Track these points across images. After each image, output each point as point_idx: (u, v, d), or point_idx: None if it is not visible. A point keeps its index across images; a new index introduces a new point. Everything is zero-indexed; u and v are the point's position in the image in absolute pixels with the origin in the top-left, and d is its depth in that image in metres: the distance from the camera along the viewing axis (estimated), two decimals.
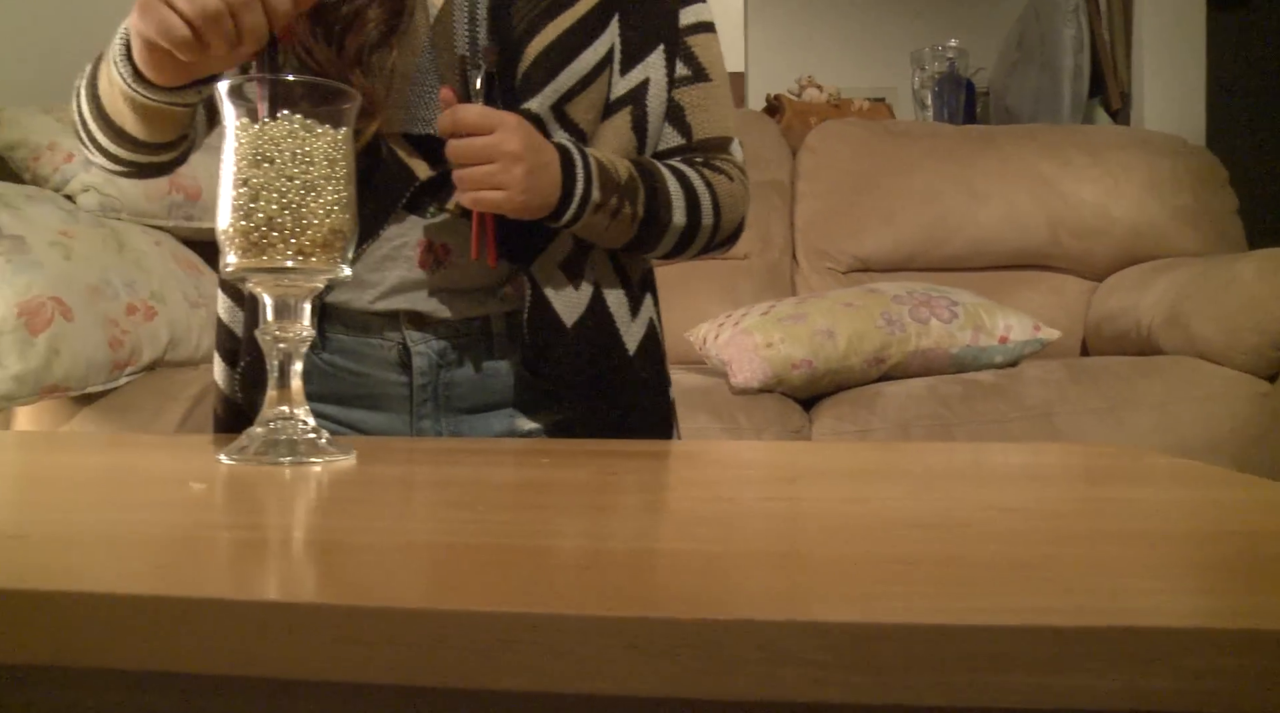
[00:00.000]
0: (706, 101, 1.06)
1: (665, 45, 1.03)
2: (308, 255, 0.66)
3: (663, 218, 0.98)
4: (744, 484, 0.60)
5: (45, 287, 1.61)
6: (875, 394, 1.63)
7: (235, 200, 0.66)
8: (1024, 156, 2.26)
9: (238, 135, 0.67)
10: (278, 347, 0.68)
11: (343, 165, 0.68)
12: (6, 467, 0.66)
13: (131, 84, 0.80)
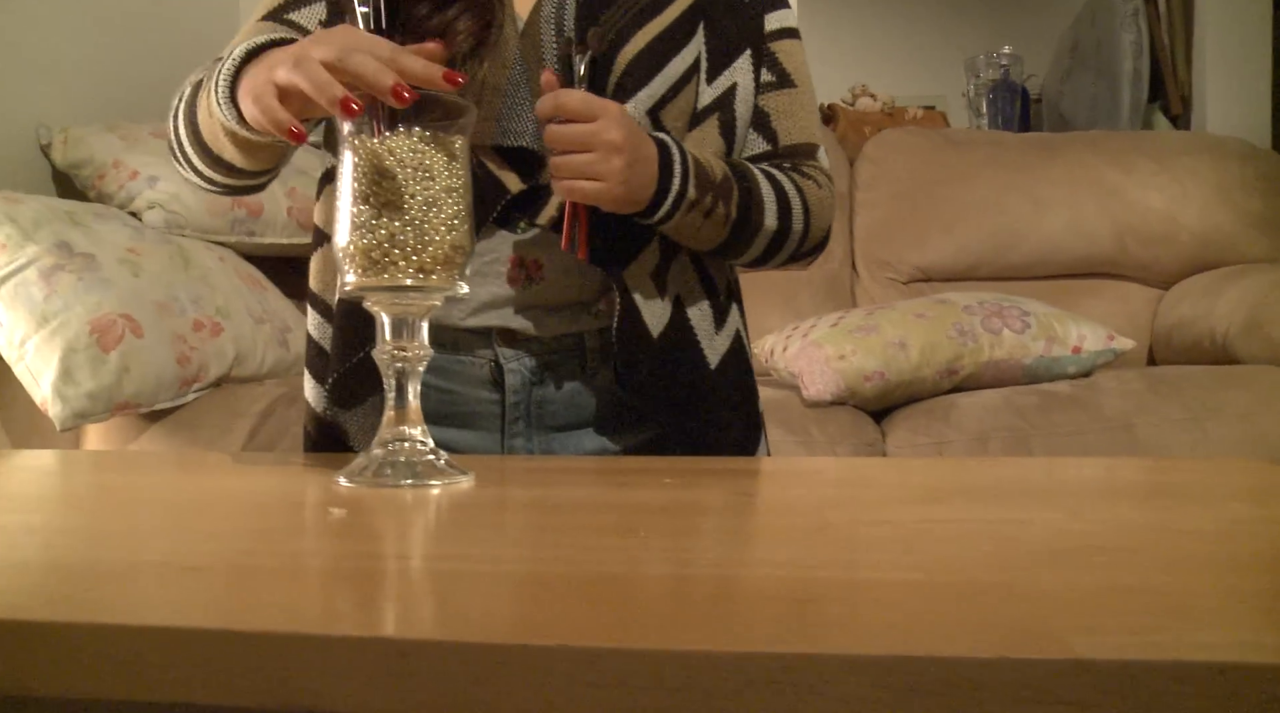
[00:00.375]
0: (792, 107, 1.04)
1: (751, 51, 1.02)
2: (428, 272, 0.65)
3: (755, 220, 0.96)
4: (886, 505, 0.58)
5: (116, 304, 1.61)
6: (949, 406, 1.61)
7: (356, 217, 0.64)
8: (1088, 164, 2.22)
9: (357, 150, 0.66)
10: (395, 365, 0.67)
11: (461, 178, 0.67)
12: (134, 489, 0.65)
13: (235, 122, 0.79)
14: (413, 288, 0.65)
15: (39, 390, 1.53)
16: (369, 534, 0.50)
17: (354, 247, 0.65)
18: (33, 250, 1.60)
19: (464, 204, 0.67)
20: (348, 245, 0.65)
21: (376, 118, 0.66)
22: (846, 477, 0.72)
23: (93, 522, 0.52)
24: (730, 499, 0.60)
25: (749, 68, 1.02)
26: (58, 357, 1.53)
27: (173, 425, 1.66)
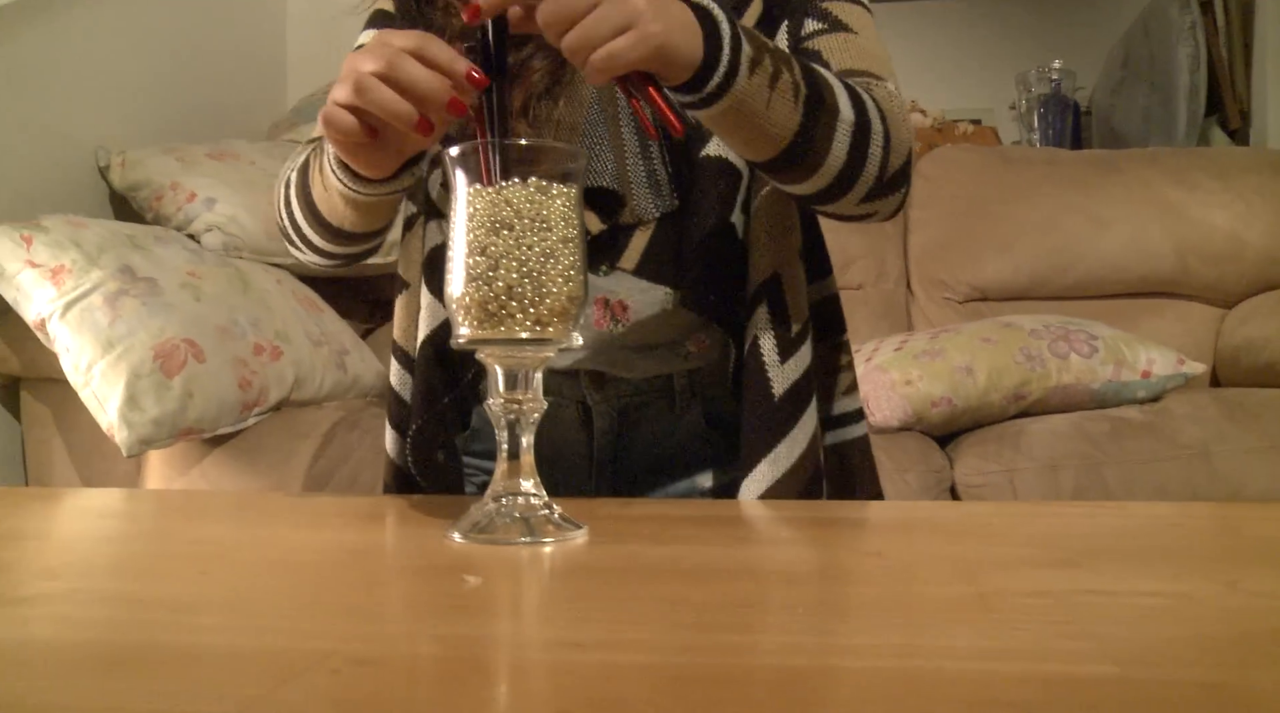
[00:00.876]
0: (848, 46, 0.91)
1: (789, 20, 0.93)
2: (544, 325, 0.64)
3: (828, 100, 0.78)
4: (1029, 568, 0.56)
5: (178, 329, 1.61)
6: (1018, 432, 1.58)
7: (472, 268, 0.63)
8: (1148, 182, 2.19)
9: (472, 201, 0.64)
10: (509, 417, 0.66)
11: (576, 227, 0.65)
12: (231, 545, 0.64)
13: (352, 186, 0.80)
14: (529, 341, 0.64)
15: (105, 416, 1.54)
16: (513, 610, 0.48)
17: (470, 299, 0.63)
18: (97, 275, 1.61)
19: (580, 254, 0.65)
20: (463, 297, 0.64)
21: (487, 167, 0.65)
22: (965, 526, 0.70)
23: (197, 590, 0.51)
24: (862, 561, 0.58)
25: (784, 37, 0.93)
26: (123, 382, 1.53)
27: (235, 451, 1.66)
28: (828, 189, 0.82)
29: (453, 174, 0.66)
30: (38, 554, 0.59)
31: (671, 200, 0.92)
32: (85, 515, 0.77)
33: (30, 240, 1.62)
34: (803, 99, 0.77)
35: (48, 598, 0.48)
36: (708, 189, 0.91)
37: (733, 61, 0.72)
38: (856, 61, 0.90)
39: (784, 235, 0.93)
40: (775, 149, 0.78)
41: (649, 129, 0.73)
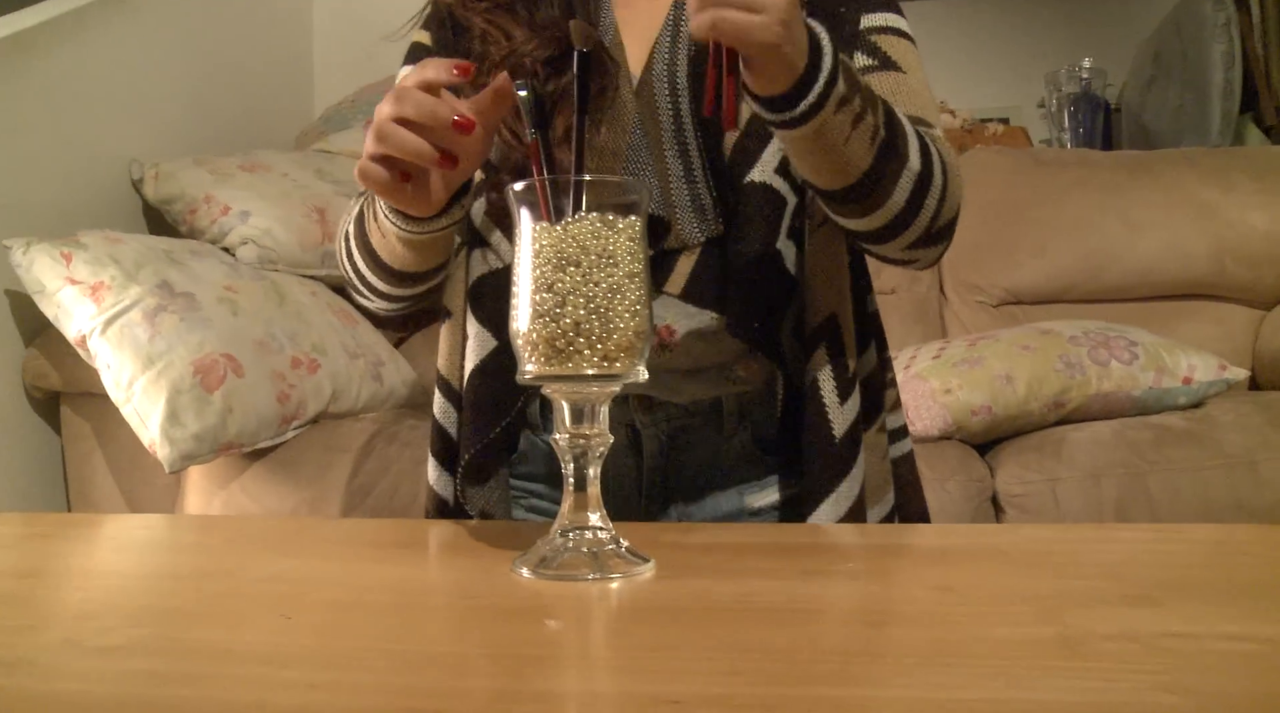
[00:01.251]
0: (898, 88, 0.92)
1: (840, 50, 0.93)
2: (611, 360, 0.64)
3: (900, 149, 0.80)
4: (1108, 605, 0.55)
5: (217, 344, 1.62)
6: (1060, 440, 1.57)
7: (539, 305, 0.63)
8: (1184, 183, 2.17)
9: (537, 237, 0.64)
10: (575, 451, 0.66)
11: (641, 260, 0.65)
12: (285, 582, 0.64)
13: (404, 228, 0.81)
14: (596, 377, 0.64)
15: (147, 432, 1.54)
16: (601, 661, 0.48)
17: (536, 335, 0.63)
18: (136, 291, 1.62)
19: (646, 288, 0.65)
20: (529, 333, 0.64)
21: (547, 204, 0.64)
22: (1030, 553, 0.69)
23: (282, 639, 0.51)
24: (937, 599, 0.58)
25: None
26: (164, 398, 1.54)
27: (274, 464, 1.67)
28: (880, 230, 0.84)
29: (516, 211, 0.66)
30: (120, 594, 0.60)
31: (716, 225, 0.92)
32: (153, 549, 0.77)
33: (70, 257, 1.63)
34: (879, 143, 0.79)
35: (136, 648, 0.48)
36: (753, 215, 0.91)
37: (823, 94, 0.74)
38: (908, 107, 0.90)
39: (838, 275, 0.94)
40: (841, 182, 0.80)
41: (707, 99, 0.72)
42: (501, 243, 0.96)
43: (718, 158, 0.91)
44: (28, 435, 1.81)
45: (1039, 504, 1.49)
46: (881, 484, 0.96)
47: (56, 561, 0.72)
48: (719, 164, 0.91)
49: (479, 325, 0.96)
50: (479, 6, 0.95)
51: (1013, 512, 1.51)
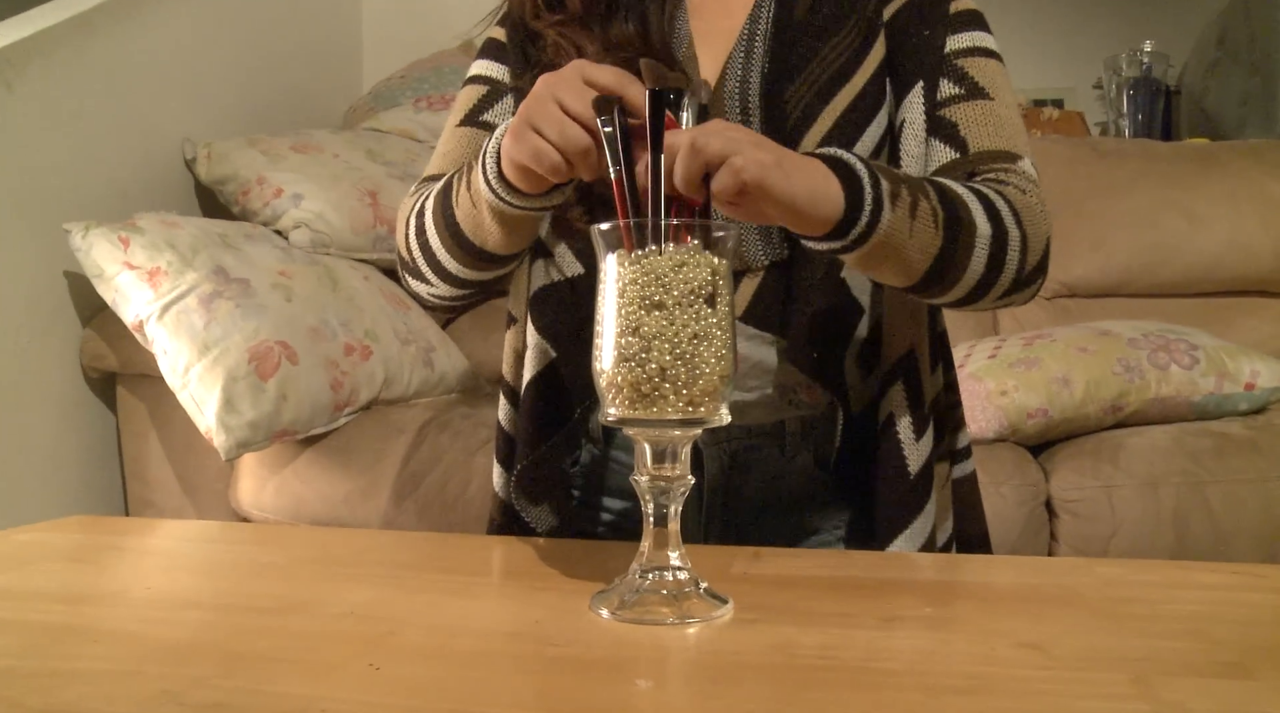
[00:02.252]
0: (984, 117, 0.90)
1: (925, 80, 0.91)
2: (696, 405, 0.63)
3: (965, 218, 0.79)
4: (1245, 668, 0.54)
5: (271, 331, 1.63)
6: (1117, 446, 1.55)
7: (624, 349, 0.62)
8: (1249, 177, 2.12)
9: (621, 277, 0.63)
10: (656, 491, 0.65)
11: (728, 303, 0.64)
12: (387, 626, 0.64)
13: (506, 198, 0.78)
14: (680, 422, 0.63)
15: (203, 420, 1.56)
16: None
17: (621, 379, 0.63)
18: (192, 277, 1.63)
19: (732, 331, 0.64)
20: (613, 376, 0.63)
21: (630, 242, 0.63)
22: (1115, 601, 0.69)
23: (374, 692, 0.51)
24: (1018, 656, 0.57)
25: (920, 99, 0.91)
26: (220, 386, 1.55)
27: (327, 450, 1.68)
28: (966, 297, 0.84)
29: (600, 248, 0.65)
30: (206, 632, 0.61)
31: (781, 249, 0.91)
32: (227, 572, 0.78)
33: (127, 242, 1.64)
34: (942, 222, 0.77)
35: (233, 706, 0.49)
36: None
37: (876, 199, 0.73)
38: (994, 139, 0.89)
39: (918, 311, 0.93)
40: (918, 274, 0.79)
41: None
42: (565, 255, 0.95)
43: None
44: (85, 416, 1.83)
45: (1094, 511, 1.48)
46: (944, 510, 0.95)
47: (133, 582, 0.72)
48: None
49: (538, 336, 0.95)
50: (551, 18, 0.94)
51: (1067, 518, 1.50)
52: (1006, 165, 0.88)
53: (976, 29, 0.95)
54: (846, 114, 0.91)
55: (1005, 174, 0.87)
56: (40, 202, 1.75)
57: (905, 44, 0.93)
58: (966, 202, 0.80)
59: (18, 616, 0.64)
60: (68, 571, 0.75)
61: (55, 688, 0.51)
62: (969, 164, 0.89)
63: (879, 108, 0.93)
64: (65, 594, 0.68)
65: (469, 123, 0.99)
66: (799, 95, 0.91)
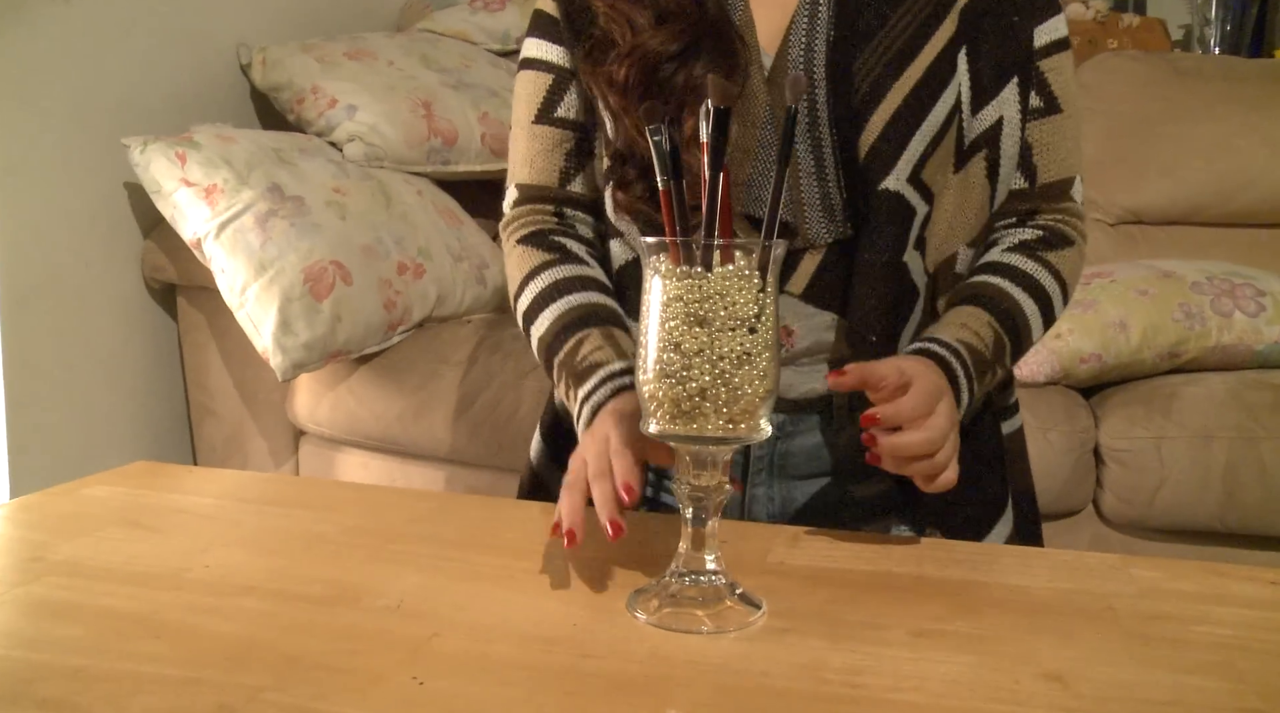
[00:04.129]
0: (1055, 138, 0.96)
1: (1019, 76, 0.92)
2: (737, 422, 0.64)
3: (1024, 347, 0.94)
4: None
5: (326, 250, 1.65)
6: (1171, 395, 1.53)
7: (666, 365, 0.63)
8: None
9: (665, 292, 0.63)
10: (695, 497, 0.66)
11: (772, 320, 0.64)
12: (433, 625, 0.67)
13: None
14: (720, 439, 0.64)
15: (260, 340, 1.60)
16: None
17: (662, 394, 0.63)
18: (248, 195, 1.64)
19: (775, 348, 0.64)
20: (655, 390, 0.64)
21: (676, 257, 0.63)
22: (1138, 616, 0.69)
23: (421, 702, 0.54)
24: (1040, 690, 0.58)
25: (1015, 97, 0.93)
26: (276, 307, 1.58)
27: (380, 369, 1.72)
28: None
29: (645, 259, 0.65)
30: (262, 625, 0.64)
31: (845, 227, 0.89)
32: (280, 542, 0.81)
33: (184, 158, 1.65)
34: (1007, 362, 0.92)
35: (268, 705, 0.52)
36: (883, 224, 0.88)
37: (970, 407, 0.87)
38: (1058, 166, 0.96)
39: None
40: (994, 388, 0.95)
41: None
42: (637, 236, 0.94)
43: (851, 158, 0.88)
44: (147, 325, 1.88)
45: (1143, 462, 1.47)
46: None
47: (194, 558, 0.76)
48: (852, 164, 0.88)
49: (628, 316, 0.96)
50: None
51: (1114, 467, 1.49)
52: (1063, 206, 0.97)
53: (1056, 14, 0.95)
54: (915, 91, 0.89)
55: (1063, 222, 0.97)
56: (100, 114, 1.76)
57: (987, 28, 0.91)
58: (1031, 327, 0.93)
59: (87, 599, 0.67)
60: (132, 540, 0.78)
61: (121, 697, 0.54)
62: (1033, 201, 0.97)
63: (945, 86, 0.90)
64: (129, 574, 0.72)
65: (544, 120, 0.98)
66: (867, 67, 0.89)
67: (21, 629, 0.63)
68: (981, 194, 0.94)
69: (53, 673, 0.57)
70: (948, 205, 0.93)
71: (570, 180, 1.00)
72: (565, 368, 0.91)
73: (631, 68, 0.86)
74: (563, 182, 1.00)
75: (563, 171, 1.00)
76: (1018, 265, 0.93)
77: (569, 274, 0.96)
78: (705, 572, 0.67)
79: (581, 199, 1.00)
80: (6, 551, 0.77)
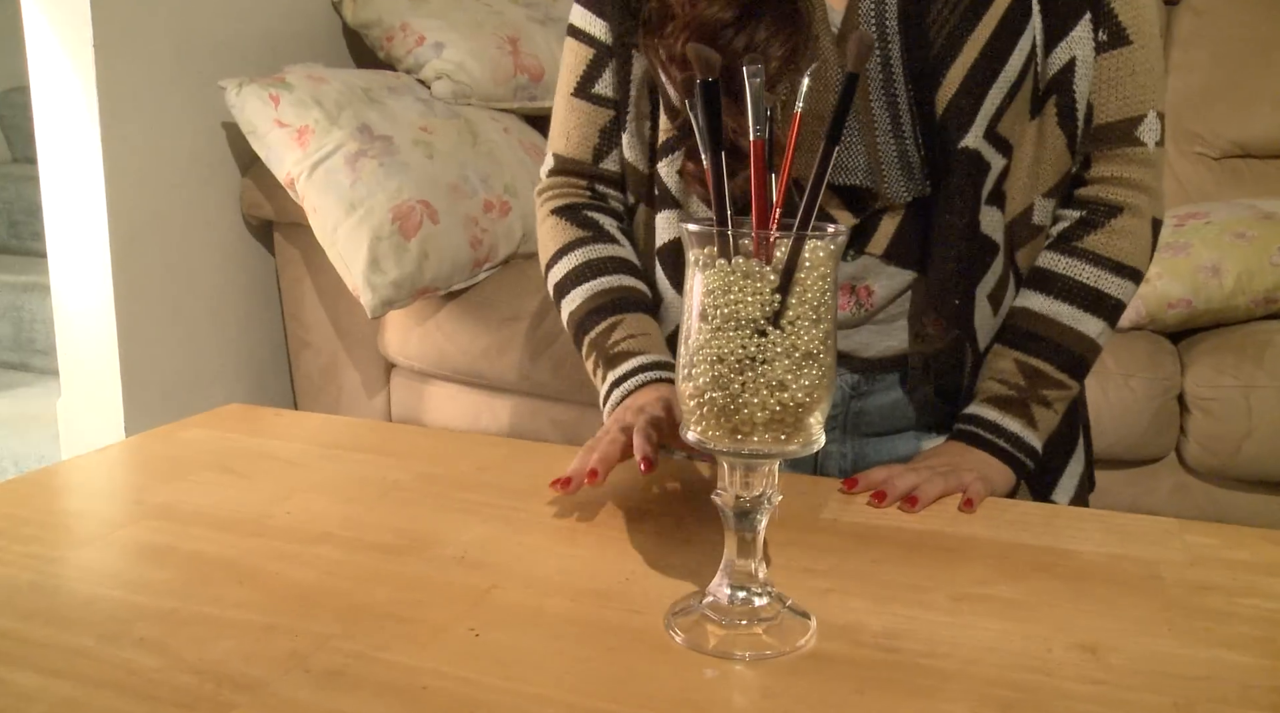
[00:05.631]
0: (1120, 73, 0.91)
1: (1091, 12, 0.89)
2: (791, 437, 0.59)
3: (1091, 361, 0.95)
4: None
5: (414, 190, 1.69)
6: (1264, 343, 1.48)
7: (717, 376, 0.58)
8: None
9: (711, 292, 0.58)
10: (737, 509, 0.62)
11: (828, 328, 0.59)
12: (480, 600, 0.71)
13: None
14: (767, 455, 0.60)
15: (350, 278, 1.66)
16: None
17: (707, 407, 0.59)
18: (338, 135, 1.69)
19: (830, 360, 0.59)
20: (701, 396, 0.59)
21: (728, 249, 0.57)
22: (1183, 586, 0.70)
23: (464, 665, 0.58)
24: (1073, 661, 0.60)
25: (1089, 35, 0.89)
26: (365, 245, 1.63)
27: (467, 305, 1.77)
28: None
29: (689, 248, 0.60)
30: (332, 576, 0.69)
31: (924, 186, 0.89)
32: (358, 489, 0.87)
33: (277, 99, 1.70)
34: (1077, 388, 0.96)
35: (348, 674, 0.57)
36: (962, 182, 0.87)
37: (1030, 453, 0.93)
38: (1117, 108, 0.92)
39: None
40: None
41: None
42: (700, 210, 0.94)
43: (929, 114, 0.87)
44: (246, 259, 1.96)
45: (1229, 411, 1.44)
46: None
47: (275, 504, 0.82)
48: (929, 120, 0.87)
49: (673, 291, 0.98)
50: None
51: (1199, 415, 1.47)
52: (1121, 151, 0.93)
53: None
54: (991, 42, 0.87)
55: (1113, 177, 0.93)
56: (198, 55, 1.82)
57: None
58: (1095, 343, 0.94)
59: (179, 543, 0.73)
60: (222, 485, 0.84)
61: (207, 640, 0.60)
62: (1087, 145, 0.94)
63: (1020, 34, 0.88)
64: (218, 519, 0.78)
65: (582, 95, 1.01)
66: (941, 18, 0.87)
67: (122, 571, 0.69)
68: (1057, 142, 0.92)
69: (148, 614, 0.63)
70: (1025, 157, 0.92)
71: (604, 157, 1.03)
72: (596, 348, 0.97)
73: (690, 37, 0.86)
74: (596, 158, 1.03)
75: (596, 149, 1.02)
76: (1049, 268, 0.94)
77: (603, 254, 1.00)
78: (748, 584, 0.64)
79: (613, 176, 1.03)
80: (112, 493, 0.83)
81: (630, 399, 0.91)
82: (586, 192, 1.05)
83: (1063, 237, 0.94)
